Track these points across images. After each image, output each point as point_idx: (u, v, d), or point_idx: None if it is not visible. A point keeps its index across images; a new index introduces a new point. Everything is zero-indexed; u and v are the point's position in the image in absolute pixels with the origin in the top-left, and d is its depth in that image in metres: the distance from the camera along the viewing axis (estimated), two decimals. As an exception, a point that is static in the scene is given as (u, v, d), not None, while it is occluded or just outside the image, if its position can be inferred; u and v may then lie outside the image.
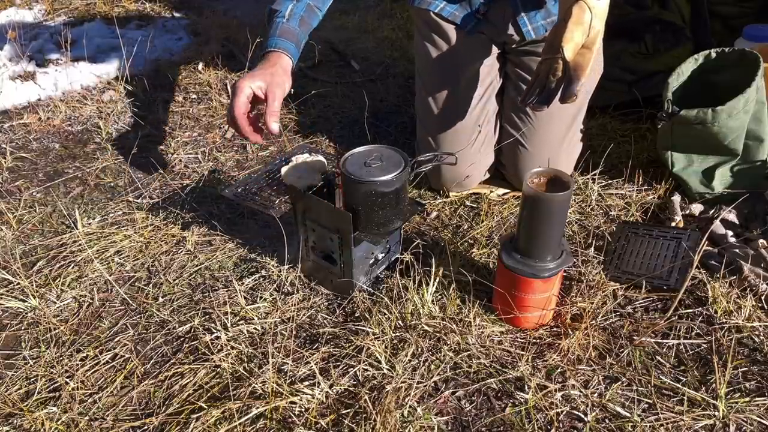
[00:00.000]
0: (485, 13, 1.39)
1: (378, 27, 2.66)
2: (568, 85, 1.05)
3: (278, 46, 1.24)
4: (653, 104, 1.69)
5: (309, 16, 1.30)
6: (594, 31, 1.05)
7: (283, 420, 0.99)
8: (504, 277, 1.11)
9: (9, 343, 1.17)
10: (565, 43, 1.04)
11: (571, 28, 1.04)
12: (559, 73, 1.07)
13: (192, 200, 1.54)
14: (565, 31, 1.04)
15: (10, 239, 1.43)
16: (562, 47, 1.04)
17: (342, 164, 1.11)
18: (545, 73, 1.08)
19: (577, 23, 1.04)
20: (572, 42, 1.04)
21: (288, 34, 1.26)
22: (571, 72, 1.05)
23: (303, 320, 1.19)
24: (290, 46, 1.25)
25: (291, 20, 1.27)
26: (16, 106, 2.04)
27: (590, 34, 1.05)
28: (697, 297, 1.21)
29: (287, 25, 1.26)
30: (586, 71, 1.06)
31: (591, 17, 1.05)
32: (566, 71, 1.06)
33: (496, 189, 1.55)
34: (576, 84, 1.04)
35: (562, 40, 1.04)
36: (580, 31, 1.04)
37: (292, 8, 1.28)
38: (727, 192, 1.42)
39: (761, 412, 0.98)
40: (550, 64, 1.08)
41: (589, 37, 1.06)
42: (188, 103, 2.03)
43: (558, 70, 1.07)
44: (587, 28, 1.05)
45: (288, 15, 1.27)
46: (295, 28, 1.27)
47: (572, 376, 1.05)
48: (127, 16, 2.84)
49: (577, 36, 1.04)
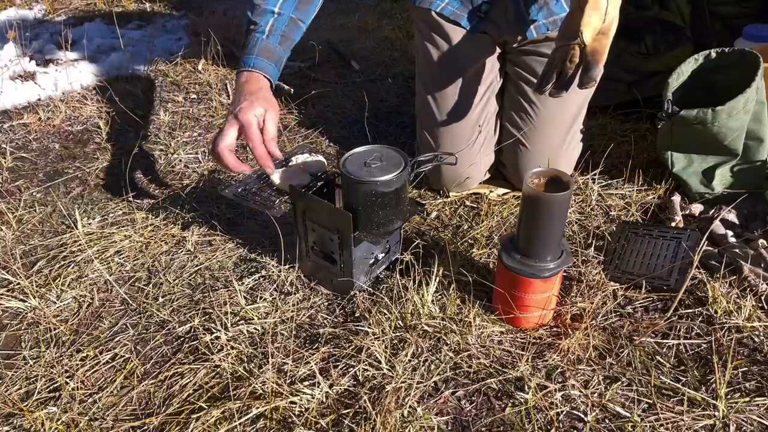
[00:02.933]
0: (487, 12, 1.39)
1: (378, 27, 2.66)
2: (587, 71, 1.06)
3: (257, 66, 1.18)
4: (653, 104, 1.69)
5: (292, 30, 1.23)
6: (609, 17, 1.06)
7: (283, 420, 0.99)
8: (504, 277, 1.11)
9: (9, 343, 1.17)
10: (584, 27, 1.04)
11: (588, 12, 1.05)
12: (576, 59, 1.07)
13: (192, 200, 1.54)
14: (584, 16, 1.05)
15: (10, 239, 1.43)
16: (581, 32, 1.04)
17: (342, 164, 1.11)
18: (561, 60, 1.09)
19: (595, 8, 1.05)
20: (590, 26, 1.05)
21: (267, 53, 1.19)
22: (590, 57, 1.06)
23: (303, 320, 1.19)
24: (269, 66, 1.19)
25: (271, 37, 1.20)
26: (16, 106, 2.04)
27: (606, 20, 1.06)
28: (697, 297, 1.21)
29: (267, 43, 1.20)
30: (604, 56, 1.06)
31: (607, 4, 1.05)
32: (584, 57, 1.06)
33: (496, 189, 1.55)
34: (595, 69, 1.05)
35: (581, 24, 1.05)
36: (597, 16, 1.05)
37: (273, 23, 1.20)
38: (727, 192, 1.42)
39: (761, 412, 0.98)
40: (566, 50, 1.08)
41: (605, 23, 1.06)
42: (188, 103, 2.03)
43: (575, 56, 1.07)
44: (603, 13, 1.05)
45: (268, 31, 1.20)
46: (275, 47, 1.20)
47: (572, 376, 1.05)
48: (127, 16, 2.84)
49: (595, 21, 1.05)
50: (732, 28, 1.77)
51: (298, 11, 1.24)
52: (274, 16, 1.21)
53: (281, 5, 1.22)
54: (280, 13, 1.21)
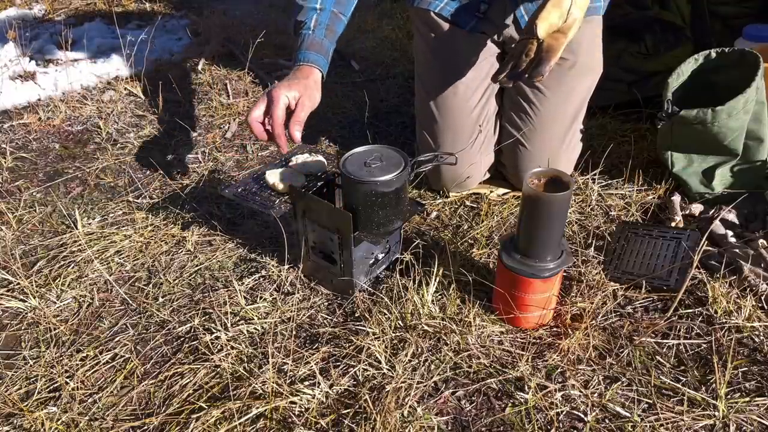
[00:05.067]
0: (485, 13, 1.39)
1: (378, 27, 2.66)
2: (537, 66, 1.06)
3: (308, 59, 1.23)
4: (653, 104, 1.69)
5: (334, 23, 1.28)
6: (572, 18, 1.07)
7: (283, 420, 0.99)
8: (504, 277, 1.11)
9: (9, 343, 1.17)
10: (540, 21, 1.05)
11: (548, 8, 1.06)
12: (532, 53, 1.08)
13: (192, 200, 1.54)
14: (542, 11, 1.06)
15: (10, 239, 1.43)
16: (536, 25, 1.05)
17: (342, 164, 1.11)
18: (518, 53, 1.10)
19: (556, 6, 1.06)
20: (546, 22, 1.06)
21: (316, 46, 1.25)
22: (542, 53, 1.06)
23: (303, 320, 1.19)
24: (319, 58, 1.24)
25: (317, 31, 1.25)
26: (16, 106, 2.04)
27: (567, 20, 1.07)
28: (697, 297, 1.21)
29: (313, 37, 1.25)
30: (557, 55, 1.07)
31: (570, 4, 1.06)
32: (538, 52, 1.07)
33: (496, 189, 1.55)
34: (545, 66, 1.06)
35: (538, 18, 1.06)
36: (557, 14, 1.06)
37: (317, 18, 1.26)
38: (727, 192, 1.42)
39: (761, 412, 0.98)
40: (524, 44, 1.09)
41: (566, 23, 1.07)
42: (188, 103, 2.03)
43: (531, 50, 1.08)
44: (565, 12, 1.06)
45: (314, 26, 1.25)
46: (322, 39, 1.26)
47: (572, 376, 1.05)
48: (127, 16, 2.84)
49: (553, 17, 1.06)
50: (732, 28, 1.77)
51: (338, 5, 1.29)
52: (317, 12, 1.27)
53: (322, 1, 1.27)
54: (322, 8, 1.27)
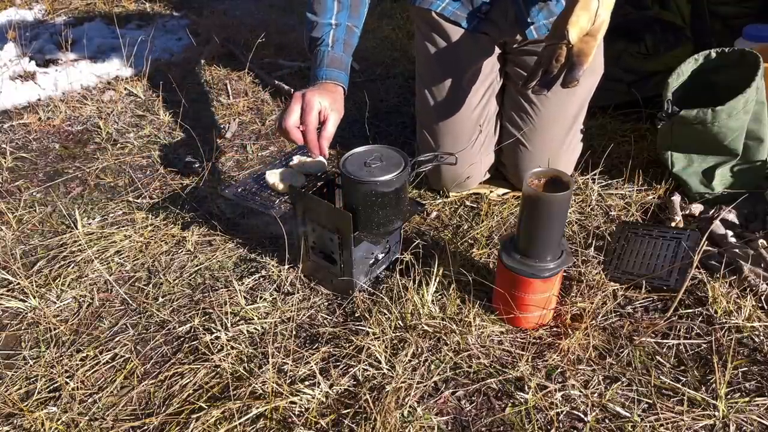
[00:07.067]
0: (487, 13, 1.39)
1: (378, 27, 2.66)
2: (571, 71, 1.06)
3: (330, 77, 1.22)
4: (653, 104, 1.69)
5: (350, 37, 1.28)
6: (599, 20, 1.06)
7: (283, 420, 0.99)
8: (504, 277, 1.11)
9: (9, 343, 1.17)
10: (571, 26, 1.04)
11: (577, 12, 1.05)
12: (563, 59, 1.07)
13: (192, 200, 1.54)
14: (572, 15, 1.05)
15: (10, 239, 1.43)
16: (567, 30, 1.04)
17: (342, 164, 1.11)
18: (548, 59, 1.09)
19: (584, 8, 1.05)
20: (578, 26, 1.04)
21: (336, 63, 1.24)
22: (575, 58, 1.06)
23: (303, 320, 1.19)
24: (341, 75, 1.24)
25: (336, 47, 1.24)
26: (16, 106, 2.04)
27: (596, 22, 1.06)
28: (697, 297, 1.21)
29: (333, 53, 1.24)
30: (590, 58, 1.06)
31: (598, 5, 1.05)
32: (569, 57, 1.06)
33: (496, 189, 1.55)
34: (579, 70, 1.05)
35: (568, 23, 1.04)
36: (586, 17, 1.05)
37: (333, 34, 1.25)
38: (727, 192, 1.42)
39: (761, 412, 0.98)
40: (553, 49, 1.08)
41: (594, 25, 1.06)
42: (188, 103, 2.03)
43: (561, 55, 1.07)
44: (593, 15, 1.05)
45: (332, 42, 1.24)
46: (341, 55, 1.25)
47: (572, 376, 1.05)
48: (127, 16, 2.84)
49: (583, 21, 1.05)
50: (732, 28, 1.77)
51: (352, 18, 1.28)
52: (332, 27, 1.25)
53: (337, 16, 1.26)
54: (337, 23, 1.26)
